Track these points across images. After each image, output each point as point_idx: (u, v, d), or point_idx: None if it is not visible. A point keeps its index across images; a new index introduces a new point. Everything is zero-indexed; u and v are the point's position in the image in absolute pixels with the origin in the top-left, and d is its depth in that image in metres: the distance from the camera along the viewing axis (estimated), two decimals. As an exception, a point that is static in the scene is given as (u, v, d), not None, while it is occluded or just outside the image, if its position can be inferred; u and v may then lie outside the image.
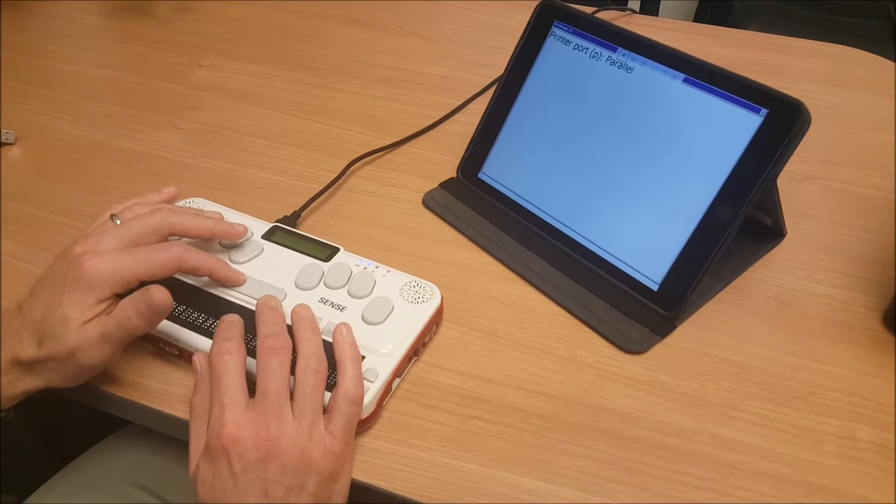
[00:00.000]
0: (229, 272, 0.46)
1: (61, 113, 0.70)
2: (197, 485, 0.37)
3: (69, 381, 0.42)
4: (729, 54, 0.79)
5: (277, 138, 0.66)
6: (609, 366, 0.46)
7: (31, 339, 0.41)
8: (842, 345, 0.48)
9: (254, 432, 0.36)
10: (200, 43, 0.81)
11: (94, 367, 0.41)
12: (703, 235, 0.47)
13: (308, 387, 0.39)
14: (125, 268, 0.41)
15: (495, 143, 0.58)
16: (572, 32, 0.54)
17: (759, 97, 0.45)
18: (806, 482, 0.40)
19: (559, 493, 0.40)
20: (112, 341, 0.41)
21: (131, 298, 0.40)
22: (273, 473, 0.36)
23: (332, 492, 0.38)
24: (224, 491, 0.36)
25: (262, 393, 0.38)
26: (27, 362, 0.41)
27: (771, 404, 0.44)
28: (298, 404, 0.38)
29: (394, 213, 0.58)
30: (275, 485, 0.36)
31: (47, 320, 0.40)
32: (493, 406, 0.44)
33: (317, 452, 0.37)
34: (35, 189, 0.60)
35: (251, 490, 0.36)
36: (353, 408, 0.39)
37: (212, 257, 0.45)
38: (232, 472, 0.36)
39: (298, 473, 0.36)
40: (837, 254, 0.54)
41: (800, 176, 0.62)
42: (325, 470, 0.37)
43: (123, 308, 0.40)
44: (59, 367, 0.41)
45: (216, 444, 0.36)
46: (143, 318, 0.40)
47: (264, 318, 0.41)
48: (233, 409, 0.37)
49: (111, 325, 0.40)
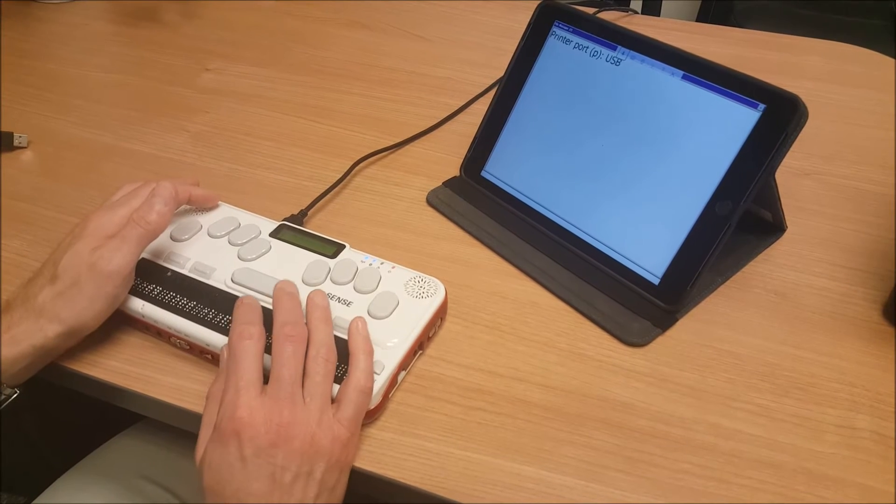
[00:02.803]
0: (206, 192, 0.51)
1: (70, 116, 0.71)
2: (203, 469, 0.37)
3: (91, 304, 0.42)
4: (730, 53, 0.80)
5: (283, 140, 0.67)
6: (610, 358, 0.47)
7: (45, 279, 0.43)
8: (842, 336, 0.48)
9: (266, 417, 0.37)
10: (207, 47, 0.82)
11: (116, 271, 0.43)
12: (703, 230, 0.47)
13: (318, 375, 0.39)
14: (115, 215, 0.45)
15: (498, 141, 0.59)
16: (572, 32, 0.55)
17: (756, 93, 0.46)
18: (806, 470, 0.41)
19: (561, 481, 0.40)
20: (130, 240, 0.43)
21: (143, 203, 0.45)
22: (282, 459, 0.36)
23: (336, 480, 0.39)
24: (231, 475, 0.36)
25: (276, 379, 0.38)
26: (41, 301, 0.42)
27: (771, 395, 0.45)
28: (309, 391, 0.39)
29: (398, 211, 0.59)
30: (283, 470, 0.36)
31: (59, 258, 0.43)
32: (496, 398, 0.45)
33: (325, 439, 0.38)
34: (45, 190, 0.61)
35: (259, 474, 0.36)
36: (363, 398, 0.40)
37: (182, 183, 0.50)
38: (241, 456, 0.36)
39: (307, 460, 0.37)
40: (837, 247, 0.55)
41: (800, 171, 0.62)
42: (332, 457, 0.38)
43: (138, 211, 0.44)
44: (78, 288, 0.42)
45: (227, 426, 0.37)
46: (156, 211, 0.44)
47: (282, 305, 0.42)
48: (247, 394, 0.38)
49: (127, 228, 0.44)
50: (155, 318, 0.46)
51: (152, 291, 0.47)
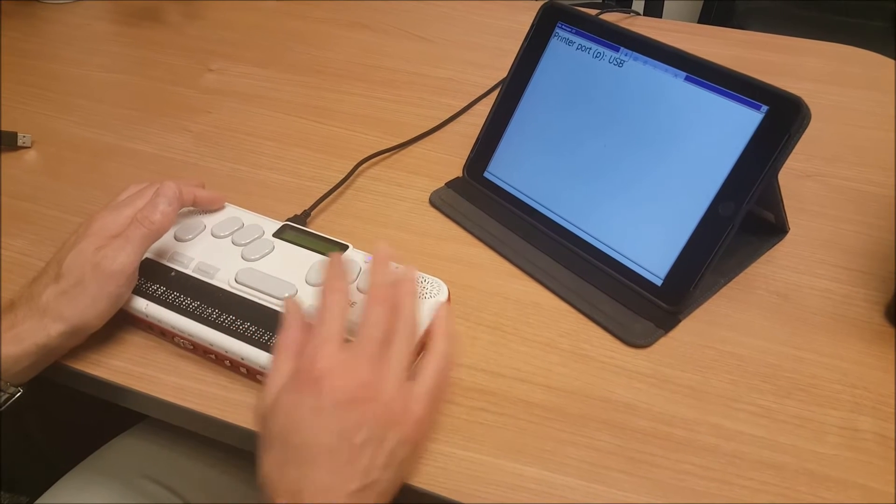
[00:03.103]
0: (211, 193, 0.51)
1: (72, 116, 0.71)
2: (274, 414, 0.36)
3: (94, 303, 0.43)
4: (732, 54, 0.80)
5: (286, 140, 0.67)
6: (613, 359, 0.47)
7: (49, 278, 0.43)
8: (844, 338, 0.48)
9: (349, 372, 0.36)
10: (209, 47, 0.82)
11: (120, 270, 0.43)
12: (705, 231, 0.47)
13: (403, 344, 0.39)
14: (119, 215, 0.46)
15: (500, 142, 0.59)
16: (575, 33, 0.55)
17: (759, 94, 0.46)
18: (808, 471, 0.41)
19: (563, 481, 0.41)
20: (133, 240, 0.43)
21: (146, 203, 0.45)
22: (357, 417, 0.35)
23: (405, 456, 0.38)
24: (303, 422, 0.35)
25: (364, 338, 0.38)
26: (45, 300, 0.42)
27: (773, 396, 0.45)
28: (391, 359, 0.38)
29: (401, 211, 0.59)
30: (356, 429, 0.35)
31: (63, 257, 0.43)
32: (498, 398, 0.45)
33: (403, 411, 0.37)
34: (48, 190, 0.61)
35: (331, 427, 0.35)
36: (441, 379, 0.40)
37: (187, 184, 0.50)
38: (317, 406, 0.35)
39: (381, 425, 0.36)
40: (839, 249, 0.55)
41: (801, 173, 0.63)
42: (406, 430, 0.37)
43: (142, 211, 0.45)
44: (82, 287, 0.42)
45: (307, 375, 0.36)
46: (160, 211, 0.45)
47: (379, 269, 0.42)
48: (331, 345, 0.37)
49: (131, 228, 0.44)
50: (159, 318, 0.46)
51: (156, 291, 0.47)
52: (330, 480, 0.34)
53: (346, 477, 0.35)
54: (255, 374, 0.45)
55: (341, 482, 0.35)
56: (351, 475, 0.35)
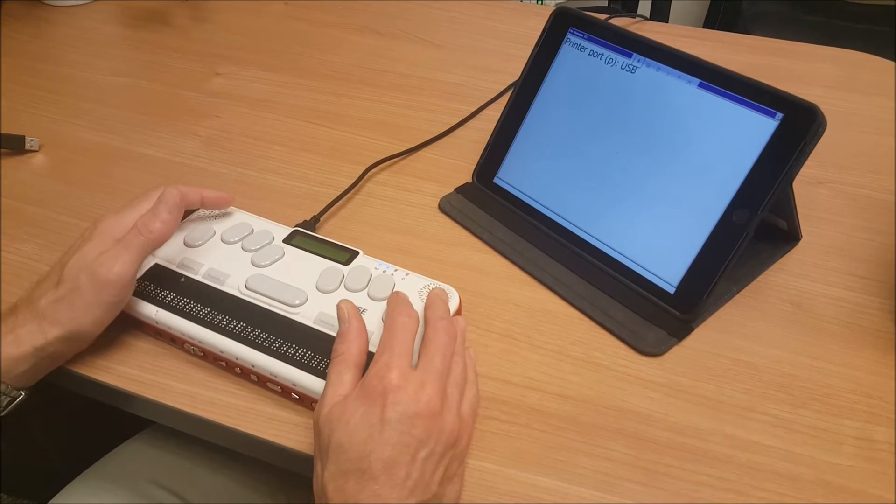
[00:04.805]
0: (218, 192, 0.51)
1: (80, 120, 0.71)
2: (338, 423, 0.37)
3: (88, 311, 0.42)
4: (741, 60, 0.80)
5: (294, 145, 0.67)
6: (626, 368, 0.47)
7: (51, 283, 0.43)
8: (858, 347, 0.48)
9: (417, 388, 0.37)
10: (217, 51, 0.82)
11: (115, 280, 0.42)
12: (719, 239, 0.47)
13: (460, 371, 0.41)
14: (125, 218, 0.46)
15: (511, 147, 0.59)
16: (587, 39, 0.55)
17: (774, 102, 0.45)
18: (824, 482, 0.40)
19: (577, 492, 0.40)
20: (131, 248, 0.43)
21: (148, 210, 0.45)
22: (421, 432, 0.36)
23: (455, 471, 0.39)
24: (366, 432, 0.36)
25: (430, 360, 0.39)
26: (43, 305, 0.42)
27: (788, 406, 0.44)
28: (452, 384, 0.40)
29: (411, 217, 0.59)
30: (420, 444, 0.36)
31: (67, 261, 0.43)
32: (510, 407, 0.44)
33: (459, 429, 0.38)
34: (56, 194, 0.61)
35: (394, 440, 0.35)
36: (476, 405, 0.43)
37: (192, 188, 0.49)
38: (383, 417, 0.36)
39: (442, 441, 0.37)
40: (852, 257, 0.55)
41: (814, 180, 0.62)
42: (459, 447, 0.39)
43: (142, 219, 0.45)
44: (77, 294, 0.42)
45: (377, 386, 0.37)
46: (160, 220, 0.44)
47: (438, 302, 0.44)
48: (402, 361, 0.38)
49: (130, 235, 0.44)
50: (168, 325, 0.46)
51: (166, 297, 0.47)
52: (390, 494, 0.35)
53: (407, 492, 0.35)
54: (265, 382, 0.44)
55: (401, 497, 0.35)
56: (411, 490, 0.35)
